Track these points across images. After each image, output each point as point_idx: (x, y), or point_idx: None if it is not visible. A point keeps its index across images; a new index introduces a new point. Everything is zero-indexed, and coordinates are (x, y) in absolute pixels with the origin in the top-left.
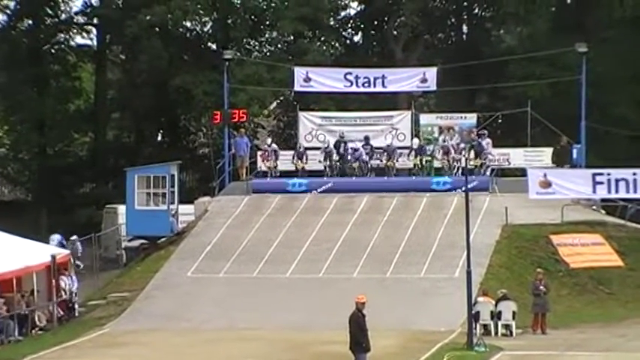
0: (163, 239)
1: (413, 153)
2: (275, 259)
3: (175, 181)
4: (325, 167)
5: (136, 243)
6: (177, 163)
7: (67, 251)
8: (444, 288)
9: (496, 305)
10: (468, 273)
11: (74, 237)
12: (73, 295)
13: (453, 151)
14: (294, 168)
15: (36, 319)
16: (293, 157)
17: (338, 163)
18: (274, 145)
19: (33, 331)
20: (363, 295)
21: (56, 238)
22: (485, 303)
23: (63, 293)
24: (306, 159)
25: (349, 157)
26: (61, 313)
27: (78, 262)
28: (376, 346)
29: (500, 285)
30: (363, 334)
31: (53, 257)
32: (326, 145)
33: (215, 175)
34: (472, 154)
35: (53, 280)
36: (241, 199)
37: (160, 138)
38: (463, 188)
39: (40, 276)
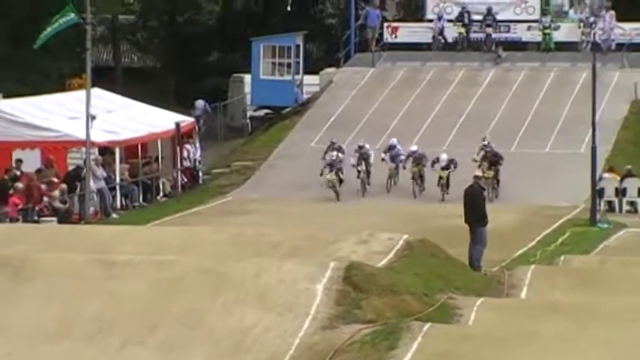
0: (288, 109)
1: (438, 167)
2: (398, 132)
3: (300, 51)
4: (359, 171)
5: (261, 112)
6: (303, 33)
7: (191, 119)
8: (568, 163)
9: (621, 182)
10: (593, 149)
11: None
12: (197, 162)
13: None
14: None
15: (160, 185)
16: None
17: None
18: (367, 145)
19: (157, 198)
20: (481, 169)
21: (201, 103)
22: (611, 179)
23: (187, 161)
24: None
25: (383, 156)
26: (185, 180)
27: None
28: (497, 220)
29: (627, 161)
30: (482, 208)
31: (177, 124)
32: (361, 146)
33: (341, 46)
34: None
35: (177, 148)
36: (366, 71)
37: (288, 8)
38: None
39: (164, 143)
